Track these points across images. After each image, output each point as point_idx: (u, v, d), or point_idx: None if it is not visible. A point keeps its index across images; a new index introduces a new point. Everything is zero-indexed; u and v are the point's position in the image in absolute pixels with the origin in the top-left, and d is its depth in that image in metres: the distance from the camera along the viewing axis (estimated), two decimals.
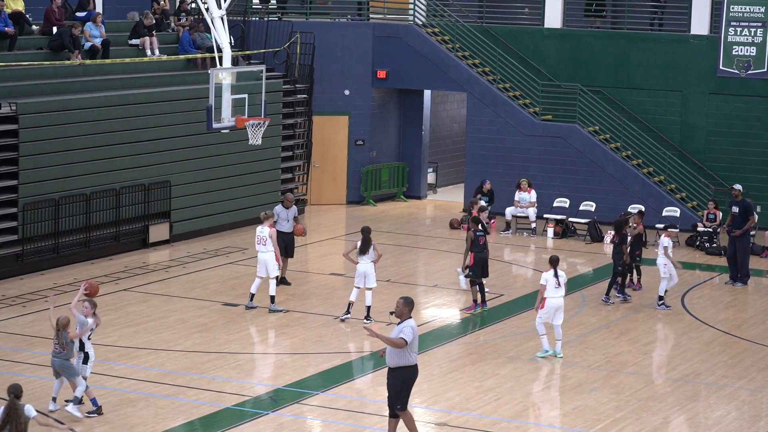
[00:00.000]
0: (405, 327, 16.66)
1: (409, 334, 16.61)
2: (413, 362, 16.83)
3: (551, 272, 21.78)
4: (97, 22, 31.43)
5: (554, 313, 21.82)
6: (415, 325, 16.80)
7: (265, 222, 24.79)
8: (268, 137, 29.66)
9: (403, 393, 16.86)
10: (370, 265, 23.92)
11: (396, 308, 16.88)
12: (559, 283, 21.75)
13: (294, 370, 21.18)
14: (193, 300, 25.62)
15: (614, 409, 19.53)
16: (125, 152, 29.62)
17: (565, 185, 35.05)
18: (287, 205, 26.71)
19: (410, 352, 16.74)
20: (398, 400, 16.87)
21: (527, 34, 37.37)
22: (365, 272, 23.93)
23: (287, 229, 26.59)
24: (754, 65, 34.43)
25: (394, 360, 16.80)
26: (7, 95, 27.81)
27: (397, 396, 16.88)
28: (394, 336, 16.67)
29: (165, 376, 20.33)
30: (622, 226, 26.31)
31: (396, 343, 16.62)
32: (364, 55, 37.24)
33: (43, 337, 22.06)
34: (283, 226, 26.46)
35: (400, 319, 16.81)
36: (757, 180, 34.36)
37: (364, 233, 24.01)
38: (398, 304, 16.85)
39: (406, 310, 16.79)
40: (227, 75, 25.03)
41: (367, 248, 23.89)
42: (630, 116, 35.68)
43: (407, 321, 16.74)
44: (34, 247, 27.37)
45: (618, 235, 26.23)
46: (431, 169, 40.10)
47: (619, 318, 25.07)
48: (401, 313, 16.80)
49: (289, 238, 26.65)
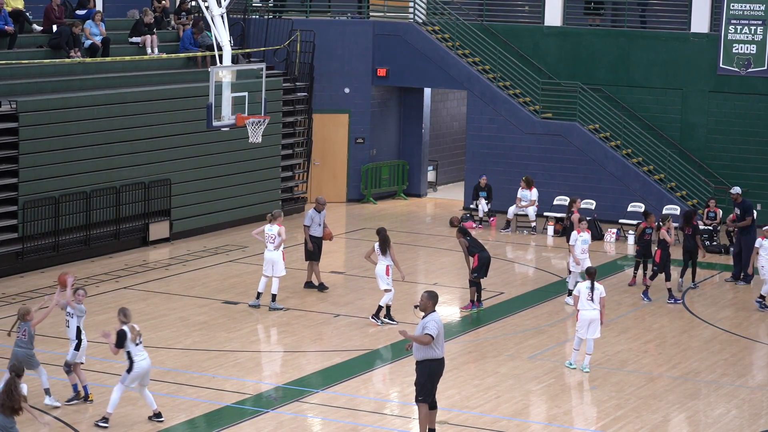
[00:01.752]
0: (429, 321, 16.86)
1: (433, 328, 16.79)
2: (439, 355, 17.02)
3: (587, 284, 21.15)
4: (97, 21, 31.45)
5: (587, 327, 21.07)
6: (440, 319, 16.98)
7: (274, 221, 24.66)
8: (268, 135, 29.65)
9: (426, 385, 17.02)
10: (382, 267, 23.89)
11: (420, 302, 17.07)
12: (592, 297, 21.02)
13: (294, 368, 21.18)
14: (193, 298, 25.62)
15: (614, 408, 19.53)
16: (125, 150, 29.61)
17: (565, 183, 35.04)
18: (320, 209, 26.50)
19: (435, 346, 16.90)
20: (420, 392, 17.02)
21: (527, 32, 37.36)
22: (377, 273, 23.94)
23: (320, 233, 26.38)
24: (754, 63, 34.43)
25: (421, 353, 16.97)
26: (7, 93, 27.81)
27: (420, 388, 17.02)
28: (419, 332, 16.89)
29: (165, 374, 20.33)
30: (691, 218, 27.55)
31: (423, 341, 16.79)
32: (364, 53, 37.23)
33: (43, 335, 22.05)
34: (316, 230, 26.27)
35: (425, 312, 16.96)
36: (757, 178, 34.37)
37: (381, 233, 23.98)
38: (422, 298, 17.04)
39: (430, 304, 16.97)
40: (227, 73, 25.02)
41: (385, 248, 23.85)
42: (630, 114, 35.68)
43: (431, 315, 16.92)
44: (34, 245, 27.38)
45: (689, 226, 27.35)
46: (431, 167, 40.11)
47: (619, 316, 25.07)
48: (425, 306, 16.99)
49: (320, 243, 26.41)
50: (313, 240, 26.17)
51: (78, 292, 18.83)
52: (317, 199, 26.71)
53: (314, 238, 26.25)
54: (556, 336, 23.43)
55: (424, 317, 16.97)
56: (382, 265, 23.83)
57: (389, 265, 23.85)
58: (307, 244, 26.19)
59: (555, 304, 25.88)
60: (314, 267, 26.45)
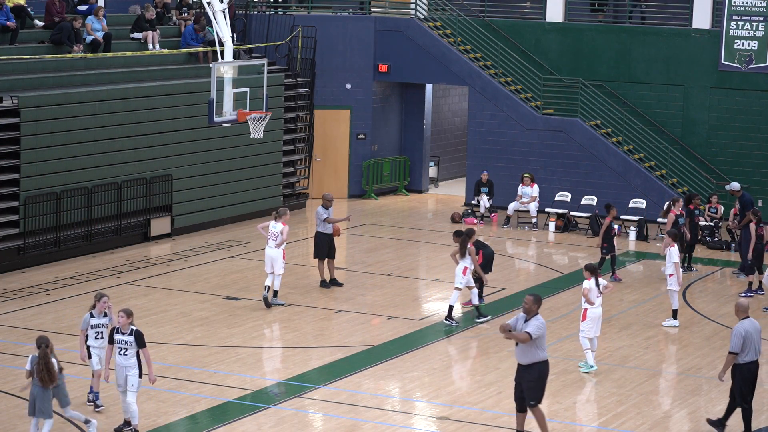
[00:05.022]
0: (532, 322, 16.92)
1: (535, 329, 16.81)
2: (545, 357, 17.13)
3: (593, 281, 21.02)
4: (98, 16, 31.45)
5: (596, 324, 21.01)
6: (543, 322, 17.01)
7: (279, 219, 24.55)
8: (269, 131, 29.69)
9: (538, 388, 17.11)
10: (459, 266, 23.86)
11: (525, 305, 17.02)
12: (599, 292, 21.04)
13: (295, 363, 21.19)
14: (194, 294, 25.63)
15: (616, 403, 19.54)
16: (127, 146, 29.62)
17: (567, 179, 35.05)
18: (327, 205, 26.42)
19: (541, 348, 17.01)
20: (533, 396, 17.11)
21: (529, 28, 37.35)
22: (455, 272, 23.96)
23: (330, 230, 26.35)
24: (756, 59, 34.41)
25: (528, 357, 16.99)
26: (9, 89, 27.82)
27: (532, 391, 17.09)
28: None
29: (166, 370, 20.35)
30: (689, 202, 28.64)
31: (521, 338, 16.85)
32: (365, 49, 37.22)
33: (45, 330, 22.08)
34: (327, 227, 26.26)
35: (528, 315, 16.98)
36: (759, 174, 34.37)
37: (463, 234, 23.98)
38: (527, 301, 17.03)
39: (535, 307, 17.00)
40: (229, 69, 25.02)
41: (463, 251, 23.86)
42: (632, 110, 35.67)
43: (536, 317, 16.95)
44: (35, 240, 27.38)
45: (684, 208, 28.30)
46: (433, 163, 40.11)
47: (620, 312, 25.08)
48: (530, 309, 16.99)
49: (331, 239, 26.33)
50: (324, 237, 26.10)
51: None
52: (324, 196, 26.65)
53: (325, 236, 26.18)
54: (558, 332, 23.43)
55: (527, 320, 16.95)
56: (461, 265, 23.84)
57: (467, 267, 23.82)
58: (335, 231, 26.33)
59: (556, 300, 25.88)
60: (330, 264, 26.37)
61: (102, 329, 17.98)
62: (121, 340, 17.16)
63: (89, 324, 18.04)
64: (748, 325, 17.65)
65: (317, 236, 26.27)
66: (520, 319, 17.12)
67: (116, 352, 17.23)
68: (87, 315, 18.12)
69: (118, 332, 17.22)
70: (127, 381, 17.18)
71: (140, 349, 17.18)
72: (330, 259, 26.36)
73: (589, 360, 21.11)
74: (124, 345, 17.15)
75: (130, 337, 17.14)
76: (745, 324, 17.66)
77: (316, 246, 26.31)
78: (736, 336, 17.57)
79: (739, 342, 17.55)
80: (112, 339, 17.30)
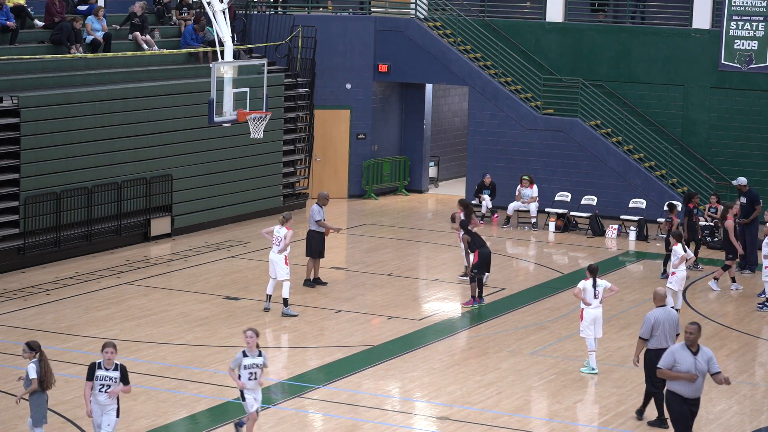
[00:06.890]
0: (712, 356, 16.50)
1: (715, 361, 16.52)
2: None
3: (590, 281, 20.95)
4: (98, 16, 31.44)
5: (593, 325, 20.91)
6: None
7: (285, 224, 24.39)
8: (269, 131, 29.67)
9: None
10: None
11: (691, 335, 16.34)
12: (596, 293, 20.92)
13: (295, 363, 21.19)
14: (194, 294, 25.62)
15: (616, 403, 19.54)
16: (127, 146, 29.62)
17: (567, 179, 35.04)
18: (323, 204, 26.36)
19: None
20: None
21: (529, 28, 37.35)
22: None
23: (322, 228, 26.28)
24: (756, 59, 34.40)
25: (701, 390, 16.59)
26: (9, 89, 27.81)
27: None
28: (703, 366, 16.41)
29: (166, 370, 20.35)
30: (689, 200, 28.78)
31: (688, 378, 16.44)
32: (365, 49, 37.22)
33: (44, 330, 22.09)
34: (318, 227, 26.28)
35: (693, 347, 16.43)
36: (759, 174, 34.34)
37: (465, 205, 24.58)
38: (693, 331, 16.35)
39: (699, 335, 16.47)
40: (229, 69, 25.02)
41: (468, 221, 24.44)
42: (632, 110, 35.67)
43: (705, 349, 16.49)
44: (35, 240, 27.38)
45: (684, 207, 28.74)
46: (433, 163, 40.10)
47: (620, 312, 25.08)
48: (695, 339, 16.39)
49: (323, 239, 26.30)
50: (318, 236, 26.10)
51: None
52: (319, 195, 26.64)
53: (317, 234, 26.20)
54: (558, 332, 23.43)
55: (695, 352, 16.34)
56: None
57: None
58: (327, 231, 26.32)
59: (556, 300, 25.88)
60: (316, 263, 26.40)
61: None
62: (106, 376, 15.73)
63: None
64: (659, 313, 18.30)
65: (310, 235, 26.27)
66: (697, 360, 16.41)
67: (96, 388, 15.79)
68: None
69: (100, 368, 15.77)
70: (104, 420, 15.81)
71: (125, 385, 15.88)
72: (319, 258, 26.41)
73: (591, 362, 21.12)
74: (108, 381, 15.74)
75: (115, 372, 15.76)
76: (657, 312, 18.31)
77: (309, 245, 26.29)
78: (646, 322, 18.29)
79: (648, 328, 18.24)
80: (92, 375, 15.77)
